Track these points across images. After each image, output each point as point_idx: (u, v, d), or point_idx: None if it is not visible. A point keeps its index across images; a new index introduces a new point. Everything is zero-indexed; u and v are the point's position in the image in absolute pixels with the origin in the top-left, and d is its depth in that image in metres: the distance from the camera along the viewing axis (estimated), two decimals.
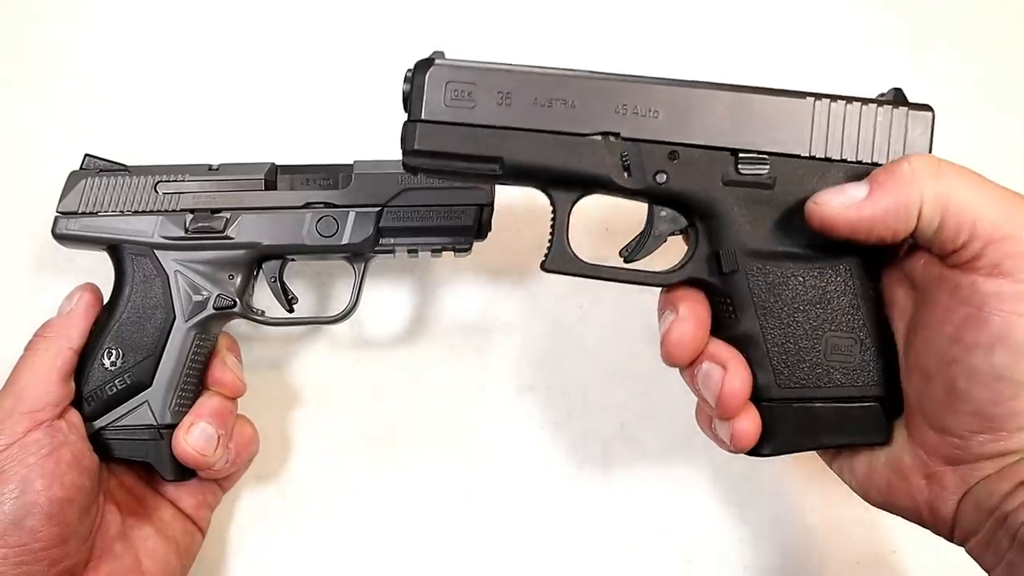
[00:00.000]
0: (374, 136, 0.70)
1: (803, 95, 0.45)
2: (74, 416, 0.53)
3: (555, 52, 0.74)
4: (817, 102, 0.45)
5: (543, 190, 0.47)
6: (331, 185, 0.59)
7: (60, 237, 0.58)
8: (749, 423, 0.46)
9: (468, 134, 0.44)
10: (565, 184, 0.46)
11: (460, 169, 0.45)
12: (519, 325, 0.67)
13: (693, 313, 0.47)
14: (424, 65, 0.45)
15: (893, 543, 0.60)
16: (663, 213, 0.47)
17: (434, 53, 0.45)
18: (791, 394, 0.45)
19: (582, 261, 0.48)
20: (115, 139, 0.69)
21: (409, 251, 0.60)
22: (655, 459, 0.64)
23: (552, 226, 0.47)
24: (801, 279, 0.45)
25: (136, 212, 0.58)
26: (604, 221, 0.67)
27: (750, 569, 0.62)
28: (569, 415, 0.65)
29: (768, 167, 0.45)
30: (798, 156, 0.45)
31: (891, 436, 0.46)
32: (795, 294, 0.45)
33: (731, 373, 0.46)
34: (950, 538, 0.45)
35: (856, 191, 0.43)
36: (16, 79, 0.72)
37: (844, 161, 0.45)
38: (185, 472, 0.57)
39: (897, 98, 0.46)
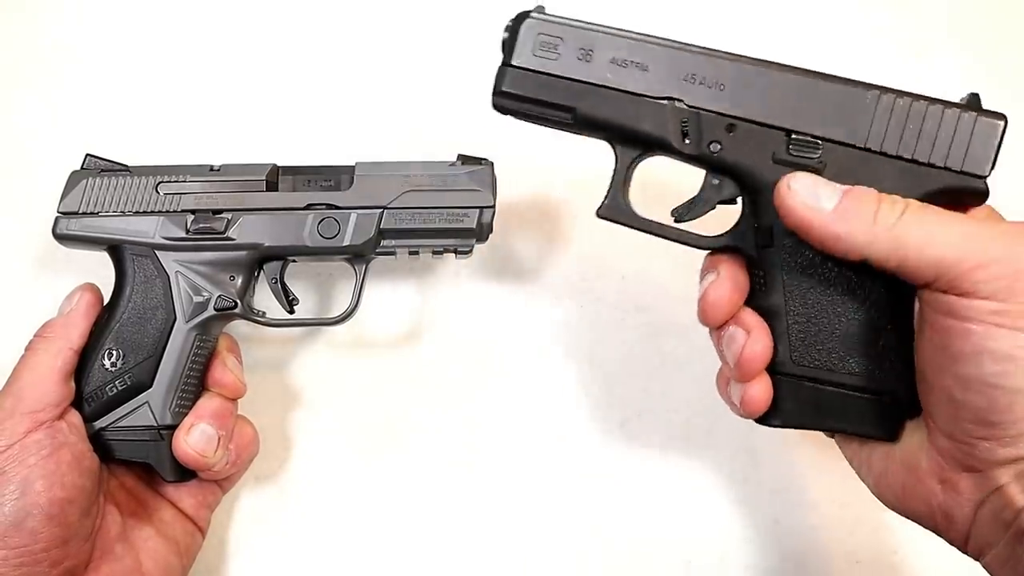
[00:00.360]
0: (376, 137, 0.71)
1: (869, 87, 0.46)
2: (74, 417, 0.53)
3: None
4: (883, 95, 0.46)
5: (609, 142, 0.50)
6: (333, 186, 0.59)
7: (61, 237, 0.58)
8: (760, 390, 0.47)
9: (548, 83, 0.48)
10: (629, 141, 0.49)
11: (537, 114, 0.49)
12: (519, 325, 0.67)
13: (732, 277, 0.49)
14: (522, 16, 0.49)
15: (894, 543, 0.61)
16: (715, 181, 0.49)
17: (536, 7, 0.49)
18: (805, 372, 0.46)
19: (634, 213, 0.50)
20: (116, 139, 0.69)
21: (410, 252, 0.60)
22: (655, 458, 0.64)
23: (612, 179, 0.50)
24: (833, 264, 0.46)
25: (137, 212, 0.58)
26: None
27: (751, 569, 0.62)
28: (569, 415, 0.65)
29: (820, 152, 0.46)
30: (852, 146, 0.46)
31: (898, 434, 0.47)
32: (825, 278, 0.46)
33: (753, 339, 0.47)
34: (964, 549, 0.45)
35: (825, 199, 0.44)
36: (17, 79, 0.72)
37: (900, 157, 0.45)
38: (185, 473, 0.57)
39: (971, 103, 0.46)
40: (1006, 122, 0.45)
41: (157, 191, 0.58)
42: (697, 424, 0.64)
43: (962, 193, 0.46)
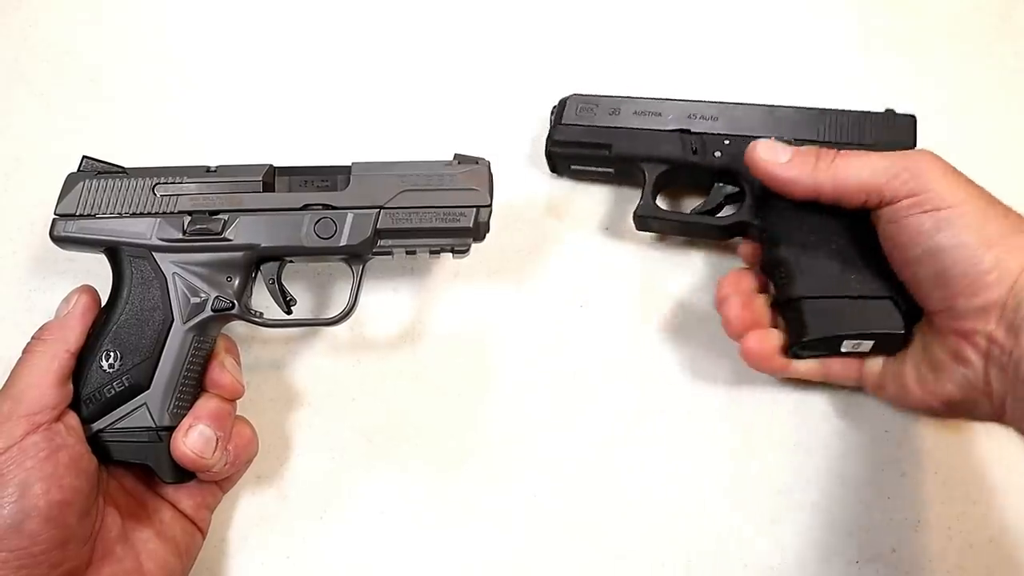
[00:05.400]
0: (372, 137, 0.71)
1: (818, 111, 0.65)
2: (72, 419, 0.53)
3: (547, 63, 0.74)
4: (826, 115, 0.65)
5: (638, 164, 0.65)
6: (329, 187, 0.59)
7: (58, 239, 0.58)
8: (754, 342, 0.59)
9: (589, 130, 0.66)
10: (653, 160, 0.65)
11: (582, 153, 0.67)
12: (518, 325, 0.67)
13: (744, 293, 0.61)
14: (566, 98, 0.67)
15: (893, 543, 0.60)
16: (719, 184, 0.65)
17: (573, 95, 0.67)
18: (820, 292, 0.58)
19: (664, 210, 0.67)
20: (113, 141, 0.69)
21: (407, 252, 0.60)
22: (655, 457, 0.64)
23: (643, 190, 0.65)
24: (803, 207, 0.59)
25: (134, 214, 0.58)
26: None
27: (750, 567, 0.62)
28: (569, 414, 0.65)
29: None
30: (813, 141, 0.63)
31: (912, 330, 0.56)
32: (803, 219, 0.59)
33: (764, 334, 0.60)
34: (1002, 420, 0.52)
35: (782, 153, 0.58)
36: (16, 80, 0.72)
37: (838, 143, 0.63)
38: (184, 474, 0.56)
39: (887, 113, 0.64)
40: (914, 120, 0.64)
41: (154, 192, 0.58)
42: (697, 424, 0.64)
43: None
